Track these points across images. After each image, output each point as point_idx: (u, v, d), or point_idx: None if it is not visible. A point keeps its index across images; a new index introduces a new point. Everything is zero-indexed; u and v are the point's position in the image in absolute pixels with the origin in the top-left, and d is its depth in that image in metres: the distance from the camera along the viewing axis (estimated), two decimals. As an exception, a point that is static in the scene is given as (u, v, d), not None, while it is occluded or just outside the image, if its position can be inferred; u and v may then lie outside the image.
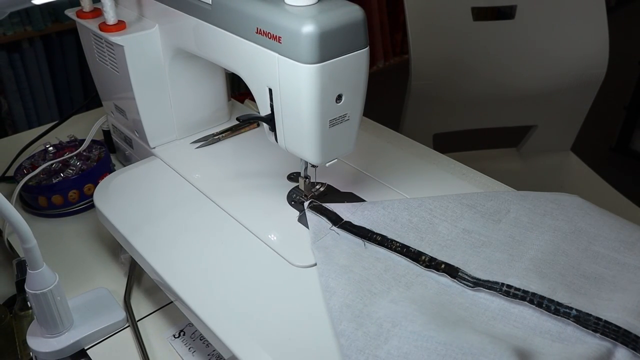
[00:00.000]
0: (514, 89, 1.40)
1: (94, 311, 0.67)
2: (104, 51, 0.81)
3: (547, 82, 1.38)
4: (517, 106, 1.44)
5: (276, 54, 0.58)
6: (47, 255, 0.59)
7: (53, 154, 0.91)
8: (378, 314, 0.54)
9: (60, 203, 0.84)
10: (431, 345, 0.50)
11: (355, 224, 0.66)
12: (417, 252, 0.62)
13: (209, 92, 0.86)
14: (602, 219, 0.67)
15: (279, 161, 0.79)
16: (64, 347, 0.63)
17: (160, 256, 0.64)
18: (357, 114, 0.64)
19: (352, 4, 0.58)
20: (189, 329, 0.67)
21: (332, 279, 0.58)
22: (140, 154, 0.88)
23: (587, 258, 0.62)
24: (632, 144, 2.40)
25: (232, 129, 0.88)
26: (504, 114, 1.46)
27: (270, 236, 0.66)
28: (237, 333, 0.55)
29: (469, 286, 0.58)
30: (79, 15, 0.82)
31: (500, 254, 0.62)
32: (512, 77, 1.38)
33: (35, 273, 0.58)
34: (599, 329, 0.51)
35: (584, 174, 1.49)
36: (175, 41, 0.75)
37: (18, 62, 2.14)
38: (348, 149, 0.66)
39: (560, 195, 0.71)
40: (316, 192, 0.72)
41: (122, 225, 0.69)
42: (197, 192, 0.75)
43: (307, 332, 0.55)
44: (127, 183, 0.77)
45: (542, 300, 0.54)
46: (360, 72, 0.60)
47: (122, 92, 0.82)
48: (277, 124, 0.64)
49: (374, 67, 3.18)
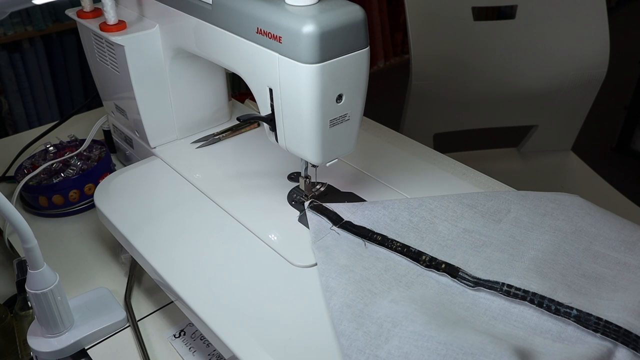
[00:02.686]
0: (514, 89, 1.40)
1: (94, 311, 0.67)
2: (105, 51, 0.81)
3: (547, 82, 1.38)
4: (517, 106, 1.44)
5: (276, 54, 0.58)
6: (47, 255, 0.59)
7: (54, 154, 0.91)
8: (378, 313, 0.54)
9: (60, 203, 0.84)
10: (432, 345, 0.50)
11: (355, 223, 0.66)
12: (418, 251, 0.62)
13: (210, 92, 0.86)
14: (603, 218, 0.67)
15: (280, 161, 0.79)
16: (65, 347, 0.63)
17: (161, 256, 0.64)
18: (357, 114, 0.64)
19: (352, 4, 0.58)
20: (190, 328, 0.67)
21: (332, 279, 0.58)
22: (140, 153, 0.88)
23: (587, 258, 0.62)
24: (633, 144, 2.40)
25: (232, 129, 0.88)
26: (504, 113, 1.46)
27: (270, 236, 0.66)
28: (238, 333, 0.55)
29: (469, 286, 0.58)
30: (80, 15, 0.82)
31: (500, 253, 0.62)
32: (513, 77, 1.38)
33: (36, 273, 0.58)
34: (599, 329, 0.51)
35: (585, 173, 1.49)
36: (176, 41, 0.75)
37: (19, 62, 2.14)
38: (348, 149, 0.66)
39: (560, 195, 0.71)
40: (316, 192, 0.72)
41: (123, 225, 0.69)
42: (197, 192, 0.75)
43: (308, 332, 0.55)
44: (128, 183, 0.77)
45: (543, 300, 0.54)
46: (361, 72, 0.60)
47: (122, 92, 0.82)
48: (277, 123, 0.64)
49: (374, 67, 3.18)
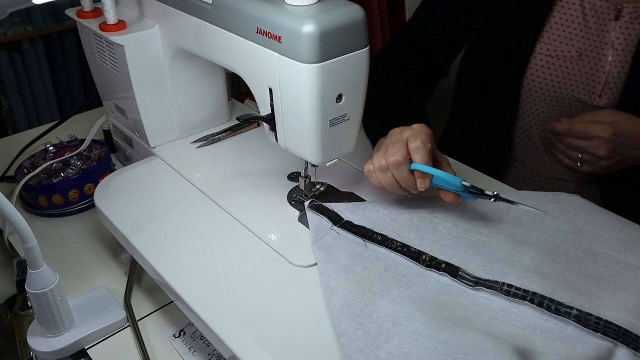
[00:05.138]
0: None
1: (94, 311, 0.67)
2: (105, 51, 0.81)
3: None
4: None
5: (276, 54, 0.58)
6: (47, 255, 0.59)
7: (54, 154, 0.91)
8: (379, 313, 0.54)
9: (60, 203, 0.84)
10: (432, 345, 0.50)
11: (355, 223, 0.66)
12: (418, 251, 0.62)
13: (210, 92, 0.86)
14: (603, 219, 0.67)
15: (280, 161, 0.79)
16: (65, 347, 0.63)
17: (161, 256, 0.64)
18: (357, 113, 0.64)
19: (352, 4, 0.58)
20: (190, 328, 0.67)
21: (332, 279, 0.58)
22: (140, 153, 0.88)
23: (587, 258, 0.62)
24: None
25: (232, 129, 0.88)
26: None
27: (270, 236, 0.66)
28: (238, 333, 0.55)
29: (469, 286, 0.58)
30: (80, 15, 0.82)
31: (501, 253, 0.62)
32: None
33: (36, 273, 0.58)
34: (599, 329, 0.51)
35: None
36: (176, 41, 0.75)
37: (19, 62, 2.14)
38: (348, 149, 0.66)
39: (561, 195, 0.71)
40: (317, 192, 0.72)
41: (123, 225, 0.69)
42: (197, 192, 0.75)
43: (308, 332, 0.55)
44: (128, 183, 0.77)
45: (543, 300, 0.54)
46: (361, 72, 0.60)
47: (122, 92, 0.82)
48: (277, 123, 0.64)
49: (375, 67, 3.18)
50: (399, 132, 0.65)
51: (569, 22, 0.86)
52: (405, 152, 0.62)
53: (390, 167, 0.63)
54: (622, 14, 0.83)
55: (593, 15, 0.85)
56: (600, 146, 0.80)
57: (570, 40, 0.86)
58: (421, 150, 0.62)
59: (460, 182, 0.62)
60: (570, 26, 0.86)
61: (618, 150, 0.80)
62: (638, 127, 0.80)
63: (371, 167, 0.65)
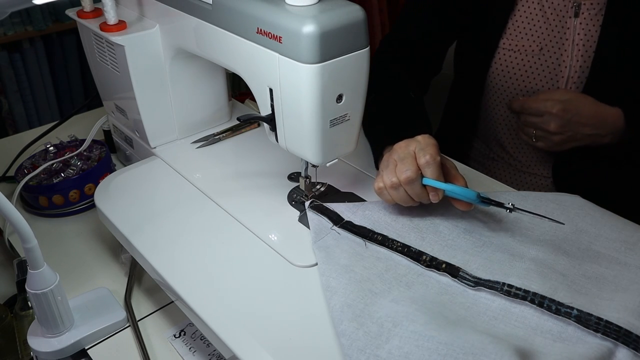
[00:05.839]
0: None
1: (94, 311, 0.67)
2: (105, 51, 0.81)
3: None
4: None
5: (277, 54, 0.58)
6: (47, 255, 0.59)
7: (54, 154, 0.91)
8: (379, 313, 0.54)
9: (61, 203, 0.84)
10: (432, 345, 0.50)
11: (356, 223, 0.66)
12: (418, 251, 0.62)
13: (210, 92, 0.86)
14: (603, 219, 0.67)
15: (280, 161, 0.79)
16: (65, 347, 0.63)
17: (161, 256, 0.64)
18: (357, 114, 0.64)
19: (352, 4, 0.58)
20: (190, 328, 0.67)
21: (333, 279, 0.58)
22: (140, 153, 0.88)
23: (588, 258, 0.62)
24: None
25: (232, 129, 0.88)
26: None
27: (271, 236, 0.66)
28: (238, 333, 0.55)
29: (470, 286, 0.58)
30: (80, 15, 0.82)
31: (501, 253, 0.62)
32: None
33: (36, 273, 0.58)
34: (600, 329, 0.51)
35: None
36: (176, 41, 0.75)
37: (19, 62, 2.14)
38: (348, 149, 0.66)
39: (561, 196, 0.71)
40: (317, 192, 0.72)
41: (123, 225, 0.69)
42: (197, 192, 0.75)
43: (308, 331, 0.55)
44: (128, 183, 0.77)
45: (543, 300, 0.54)
46: (361, 72, 0.60)
47: (122, 92, 0.82)
48: (277, 123, 0.64)
49: (375, 67, 3.18)
50: (404, 145, 0.65)
51: (529, 18, 0.89)
52: (415, 168, 0.62)
53: (403, 183, 0.62)
54: (580, 11, 0.85)
55: (552, 12, 0.87)
56: (550, 121, 0.84)
57: (531, 36, 0.89)
58: (431, 165, 0.62)
59: (474, 196, 0.62)
60: (531, 22, 0.89)
61: (567, 126, 0.83)
62: (588, 105, 0.83)
63: (382, 185, 0.65)
